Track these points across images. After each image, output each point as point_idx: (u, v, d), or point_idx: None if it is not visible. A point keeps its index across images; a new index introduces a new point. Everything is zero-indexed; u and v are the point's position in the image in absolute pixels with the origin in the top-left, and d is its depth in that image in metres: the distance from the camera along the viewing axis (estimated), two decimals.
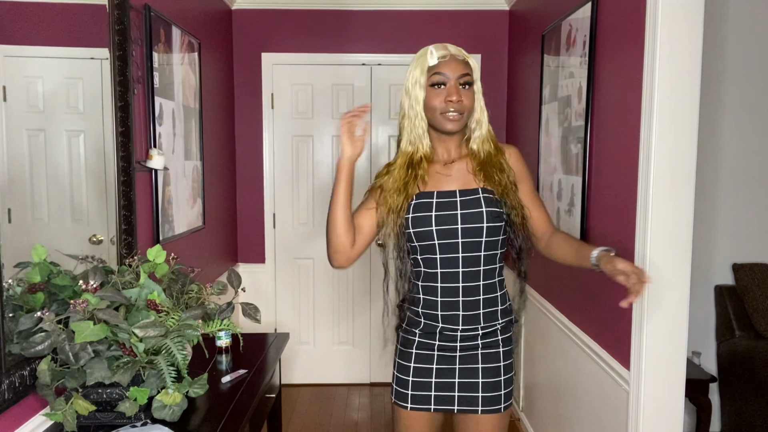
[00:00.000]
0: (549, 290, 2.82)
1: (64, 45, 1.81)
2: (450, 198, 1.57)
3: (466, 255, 1.57)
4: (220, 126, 3.41)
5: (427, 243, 1.57)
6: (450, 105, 1.53)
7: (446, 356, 1.63)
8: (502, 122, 3.76)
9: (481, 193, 1.57)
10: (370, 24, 3.66)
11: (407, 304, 1.68)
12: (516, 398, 3.34)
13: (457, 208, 1.55)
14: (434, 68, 1.53)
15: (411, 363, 1.64)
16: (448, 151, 1.64)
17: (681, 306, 1.81)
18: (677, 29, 1.72)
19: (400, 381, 1.67)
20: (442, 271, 1.59)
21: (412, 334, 1.65)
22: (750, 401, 2.78)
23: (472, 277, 1.59)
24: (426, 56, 1.54)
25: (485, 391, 1.62)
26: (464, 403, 1.63)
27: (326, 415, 3.48)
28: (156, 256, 1.71)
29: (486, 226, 1.55)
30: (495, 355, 1.63)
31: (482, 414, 1.63)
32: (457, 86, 1.53)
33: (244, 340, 2.06)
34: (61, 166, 1.76)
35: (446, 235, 1.55)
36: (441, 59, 1.53)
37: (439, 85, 1.53)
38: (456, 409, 1.64)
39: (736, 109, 3.02)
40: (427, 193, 1.58)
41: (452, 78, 1.53)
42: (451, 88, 1.53)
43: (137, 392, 1.51)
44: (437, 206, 1.56)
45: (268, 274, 3.85)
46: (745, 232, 3.08)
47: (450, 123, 1.55)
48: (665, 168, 1.76)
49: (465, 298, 1.59)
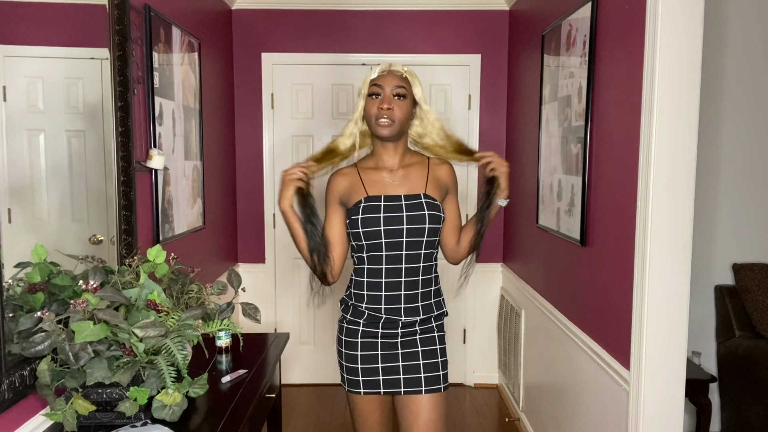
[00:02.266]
0: (549, 290, 2.82)
1: (64, 45, 1.81)
2: (396, 202, 1.76)
3: (408, 252, 1.77)
4: (220, 126, 3.41)
5: (375, 242, 1.76)
6: (381, 112, 1.72)
7: (389, 343, 1.81)
8: (502, 122, 3.76)
9: (423, 198, 1.77)
10: (370, 24, 3.66)
11: (351, 300, 1.84)
12: (516, 398, 3.34)
13: (402, 211, 1.75)
14: (374, 80, 1.75)
15: (358, 351, 1.82)
16: (391, 158, 1.82)
17: (681, 306, 1.81)
18: (677, 29, 1.72)
19: (349, 369, 1.84)
20: (387, 267, 1.78)
21: (356, 324, 1.83)
22: (750, 401, 2.78)
23: (413, 272, 1.79)
24: (370, 72, 1.77)
25: (427, 371, 1.81)
26: (409, 385, 1.81)
27: (326, 415, 3.48)
28: (156, 256, 1.71)
29: (427, 227, 1.76)
30: (431, 339, 1.84)
31: (425, 393, 1.80)
32: (390, 96, 1.73)
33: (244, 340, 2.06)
34: (61, 166, 1.76)
35: (392, 235, 1.75)
36: (380, 73, 1.75)
37: (376, 95, 1.74)
38: (402, 391, 1.81)
39: (736, 109, 3.02)
40: (375, 197, 1.77)
41: (387, 89, 1.73)
42: (384, 97, 1.73)
43: (137, 392, 1.51)
44: (385, 209, 1.75)
45: (268, 274, 3.85)
46: (745, 232, 3.08)
47: (381, 128, 1.74)
48: (665, 168, 1.76)
49: (406, 292, 1.79)
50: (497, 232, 3.81)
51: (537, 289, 3.02)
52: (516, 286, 3.43)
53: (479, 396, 3.72)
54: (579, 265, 2.38)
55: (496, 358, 3.86)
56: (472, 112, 3.74)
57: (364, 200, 1.76)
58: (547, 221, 2.80)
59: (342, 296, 1.91)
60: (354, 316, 1.83)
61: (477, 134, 3.74)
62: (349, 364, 1.84)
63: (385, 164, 1.82)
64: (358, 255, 1.82)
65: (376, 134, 1.76)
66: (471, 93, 3.73)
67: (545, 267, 2.89)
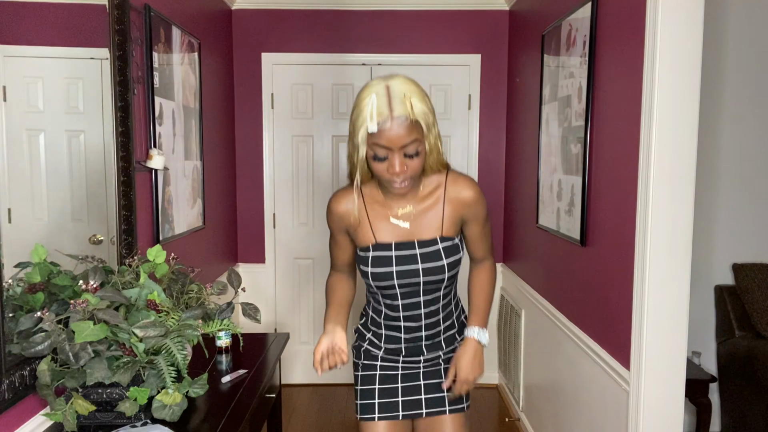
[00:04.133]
0: (549, 290, 2.82)
1: (64, 45, 1.81)
2: (409, 251, 1.53)
3: (426, 288, 1.58)
4: (220, 126, 3.41)
5: (388, 287, 1.57)
6: (394, 176, 1.40)
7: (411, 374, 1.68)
8: (502, 123, 3.76)
9: (440, 243, 1.54)
10: (370, 24, 3.66)
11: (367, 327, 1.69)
12: (516, 398, 3.34)
13: (417, 262, 1.53)
14: (374, 137, 1.35)
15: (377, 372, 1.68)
16: (403, 197, 1.54)
17: (681, 306, 1.81)
18: (677, 29, 1.72)
19: (365, 393, 1.68)
20: (403, 303, 1.59)
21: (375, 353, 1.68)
22: (750, 401, 2.78)
23: (433, 302, 1.61)
24: (367, 116, 1.34)
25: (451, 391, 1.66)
26: (432, 405, 1.67)
27: (326, 415, 3.48)
28: (156, 256, 1.71)
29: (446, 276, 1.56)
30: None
31: (450, 414, 1.67)
32: (400, 157, 1.37)
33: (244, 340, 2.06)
34: (61, 166, 1.76)
35: (407, 284, 1.56)
36: (381, 126, 1.33)
37: (381, 159, 1.39)
38: (425, 413, 1.66)
39: (736, 109, 3.02)
40: (384, 245, 1.54)
41: (395, 149, 1.36)
42: (393, 161, 1.38)
43: (137, 392, 1.51)
44: (397, 260, 1.53)
45: (268, 274, 3.85)
46: (745, 232, 3.08)
47: (398, 189, 1.46)
48: (665, 168, 1.76)
49: (426, 333, 1.62)
50: (497, 232, 3.81)
51: (537, 289, 3.02)
52: (516, 286, 3.43)
53: (479, 396, 3.71)
54: (579, 265, 2.38)
55: (495, 358, 3.86)
56: (472, 112, 3.74)
57: (373, 248, 1.54)
58: (547, 221, 2.80)
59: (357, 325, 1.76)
60: (372, 346, 1.68)
61: (477, 134, 3.74)
62: (364, 387, 1.68)
63: (394, 203, 1.55)
64: (372, 290, 1.64)
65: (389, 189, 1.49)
66: (471, 93, 3.73)
67: (545, 267, 2.89)
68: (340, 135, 3.76)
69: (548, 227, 2.77)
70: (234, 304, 1.78)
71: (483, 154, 3.76)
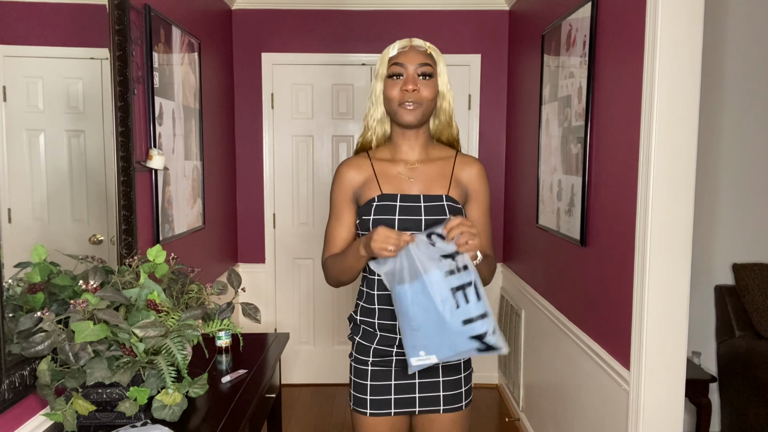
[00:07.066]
0: (549, 290, 2.82)
1: (64, 45, 1.80)
2: (414, 203, 1.52)
3: None
4: (220, 126, 3.41)
5: None
6: (406, 95, 1.48)
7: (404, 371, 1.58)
8: (502, 123, 3.76)
9: (445, 201, 1.52)
10: (370, 24, 3.66)
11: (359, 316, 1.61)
12: (516, 398, 3.34)
13: (421, 214, 1.50)
14: (394, 58, 1.51)
15: (368, 366, 1.60)
16: (412, 150, 1.57)
17: (681, 306, 1.81)
18: (677, 29, 1.72)
19: (357, 386, 1.61)
20: None
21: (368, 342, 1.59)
22: (750, 401, 2.78)
23: None
24: (388, 49, 1.53)
25: (446, 389, 1.59)
26: (425, 404, 1.59)
27: (326, 415, 3.48)
28: (156, 256, 1.71)
29: None
30: None
31: (443, 413, 1.60)
32: (414, 76, 1.49)
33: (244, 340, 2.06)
34: (61, 166, 1.76)
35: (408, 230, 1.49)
36: (401, 50, 1.51)
37: (398, 75, 1.50)
38: (417, 411, 1.60)
39: (736, 109, 3.02)
40: (389, 195, 1.53)
41: (410, 67, 1.49)
42: (408, 77, 1.49)
43: (137, 392, 1.51)
44: (401, 210, 1.51)
45: (268, 274, 3.85)
46: (745, 232, 3.08)
47: (407, 114, 1.50)
48: (665, 168, 1.76)
49: None
50: (497, 231, 3.81)
51: (537, 289, 3.02)
52: (516, 286, 3.43)
53: (479, 396, 3.71)
54: (579, 265, 2.38)
55: (495, 357, 3.86)
56: (472, 112, 3.74)
57: (378, 198, 1.52)
58: (547, 221, 2.80)
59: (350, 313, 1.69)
60: (365, 336, 1.60)
61: (477, 134, 3.75)
62: (358, 380, 1.61)
63: (403, 156, 1.57)
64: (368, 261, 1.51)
65: (398, 120, 1.52)
66: (471, 93, 3.73)
67: (545, 267, 2.89)
68: (340, 135, 3.75)
69: (548, 227, 2.77)
70: (234, 304, 1.78)
71: (483, 154, 3.76)
